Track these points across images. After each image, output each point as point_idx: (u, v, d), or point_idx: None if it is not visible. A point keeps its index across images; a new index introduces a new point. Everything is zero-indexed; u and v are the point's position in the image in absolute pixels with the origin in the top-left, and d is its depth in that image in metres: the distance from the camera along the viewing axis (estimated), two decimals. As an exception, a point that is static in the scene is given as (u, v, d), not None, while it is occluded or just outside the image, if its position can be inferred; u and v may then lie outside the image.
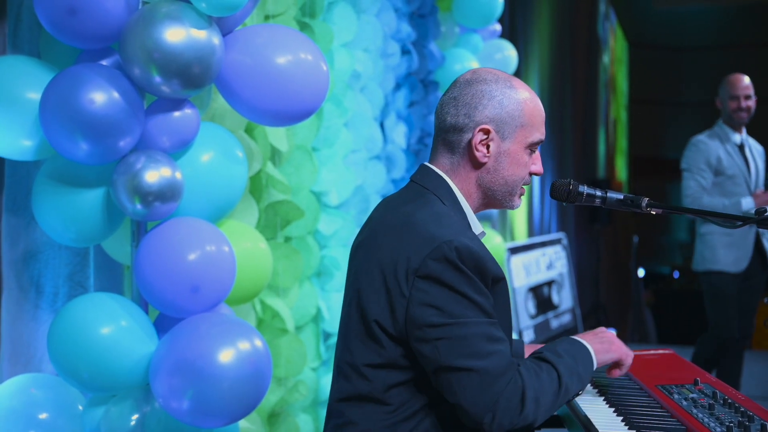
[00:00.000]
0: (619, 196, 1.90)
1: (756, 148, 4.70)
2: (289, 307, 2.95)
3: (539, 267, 6.44)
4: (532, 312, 6.13)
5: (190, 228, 2.03)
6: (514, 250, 6.05)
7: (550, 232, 7.82)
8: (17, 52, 2.11)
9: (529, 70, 7.02)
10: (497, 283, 1.73)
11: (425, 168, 1.85)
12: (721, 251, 4.51)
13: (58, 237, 2.03)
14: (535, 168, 1.85)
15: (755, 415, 1.66)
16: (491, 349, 1.64)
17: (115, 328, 1.96)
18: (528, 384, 1.65)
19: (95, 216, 2.01)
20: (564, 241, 7.06)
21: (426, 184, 1.82)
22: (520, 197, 1.87)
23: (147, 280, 1.98)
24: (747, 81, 4.59)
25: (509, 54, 4.52)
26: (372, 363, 1.72)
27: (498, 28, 4.70)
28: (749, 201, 4.37)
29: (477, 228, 1.82)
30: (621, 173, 13.69)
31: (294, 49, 2.11)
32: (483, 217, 4.82)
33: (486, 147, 1.79)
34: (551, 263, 6.67)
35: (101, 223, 2.02)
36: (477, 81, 1.81)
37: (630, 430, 1.66)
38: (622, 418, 1.72)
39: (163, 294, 1.98)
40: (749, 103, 4.56)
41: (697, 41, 13.81)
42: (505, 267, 5.70)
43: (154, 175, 1.93)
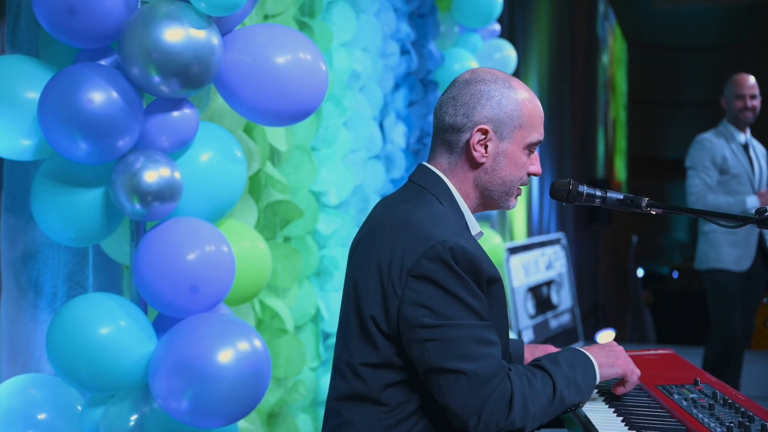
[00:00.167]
0: (619, 196, 1.89)
1: (759, 148, 4.70)
2: (289, 307, 2.94)
3: (538, 267, 6.44)
4: (531, 312, 6.13)
5: (189, 228, 2.03)
6: (513, 250, 6.05)
7: (549, 232, 7.82)
8: (16, 51, 2.11)
9: (529, 70, 7.02)
10: (492, 284, 1.72)
11: (423, 168, 1.85)
12: (725, 250, 4.49)
13: (56, 237, 2.03)
14: (534, 168, 1.85)
15: (755, 416, 1.66)
16: (481, 352, 1.63)
17: (114, 328, 1.95)
18: (517, 389, 1.63)
19: (94, 216, 2.00)
20: (563, 241, 7.06)
21: (424, 183, 1.82)
22: (516, 198, 1.86)
23: (146, 280, 1.98)
24: (753, 81, 4.59)
25: (508, 54, 4.51)
26: (369, 362, 1.72)
27: (497, 27, 4.69)
28: (754, 200, 4.36)
29: (475, 228, 1.82)
30: (620, 173, 13.69)
31: (293, 49, 2.11)
32: (482, 217, 4.82)
33: (484, 147, 1.79)
34: (550, 263, 6.67)
35: (100, 223, 2.02)
36: (476, 81, 1.81)
37: (630, 430, 1.66)
38: (622, 418, 1.72)
39: (162, 294, 1.98)
40: (755, 103, 4.56)
41: (697, 41, 13.82)
42: (504, 267, 5.69)
43: (153, 175, 1.93)
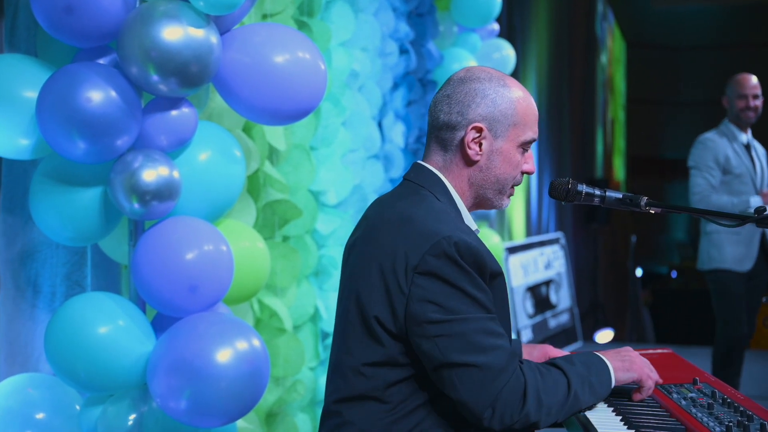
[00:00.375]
0: (618, 195, 1.89)
1: (759, 149, 4.69)
2: (287, 307, 2.94)
3: (537, 266, 6.44)
4: (530, 311, 6.13)
5: (187, 227, 2.02)
6: (512, 249, 6.05)
7: (548, 231, 7.82)
8: (14, 50, 2.11)
9: (527, 69, 7.02)
10: (495, 279, 1.73)
11: (419, 166, 1.85)
12: (729, 250, 4.45)
13: (55, 236, 2.03)
14: (527, 167, 1.85)
15: (754, 415, 1.66)
16: (492, 344, 1.63)
17: (113, 327, 1.95)
18: (530, 381, 1.64)
19: (92, 215, 2.00)
20: (562, 241, 7.06)
21: (420, 181, 1.82)
22: (509, 197, 1.87)
23: (144, 279, 1.97)
24: (755, 80, 4.57)
25: (507, 53, 4.52)
26: (371, 362, 1.71)
27: (496, 27, 4.69)
28: (757, 200, 4.34)
29: (471, 225, 1.82)
30: (619, 173, 13.70)
31: (292, 48, 2.11)
32: (481, 217, 4.82)
33: (478, 145, 1.79)
34: (549, 263, 6.67)
35: (98, 222, 2.01)
36: (470, 79, 1.81)
37: (629, 429, 1.65)
38: (620, 417, 1.71)
39: (161, 293, 1.97)
40: (757, 103, 4.54)
41: (695, 41, 13.83)
42: (503, 267, 5.69)
43: (151, 174, 1.92)
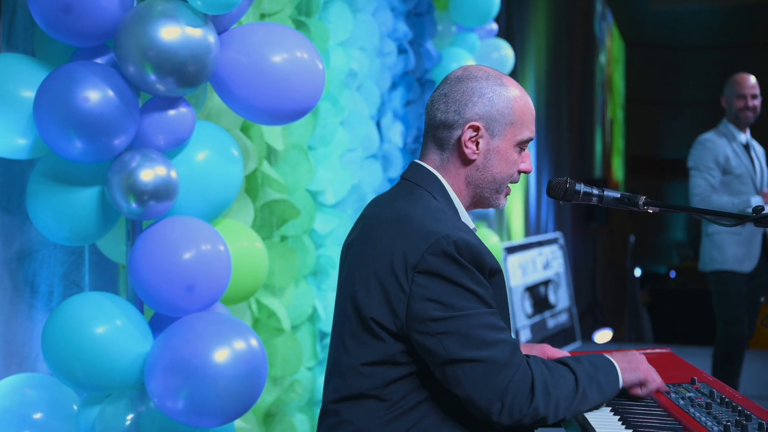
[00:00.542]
0: (616, 194, 1.89)
1: (758, 148, 4.68)
2: (285, 307, 2.94)
3: (536, 266, 6.43)
4: (528, 311, 6.13)
5: (185, 227, 2.02)
6: (510, 249, 6.05)
7: (546, 231, 7.82)
8: (12, 50, 2.10)
9: (526, 69, 7.02)
10: (494, 276, 1.73)
11: (416, 165, 1.85)
12: (731, 250, 4.44)
13: (52, 236, 2.03)
14: (524, 166, 1.85)
15: (753, 414, 1.66)
16: (496, 338, 1.64)
17: (110, 327, 1.95)
18: (537, 374, 1.64)
19: (90, 215, 2.00)
20: (560, 241, 7.06)
21: (417, 180, 1.82)
22: (506, 196, 1.87)
23: (142, 279, 1.97)
24: (753, 80, 4.57)
25: (506, 53, 4.51)
26: (370, 361, 1.71)
27: (495, 27, 4.69)
28: (758, 200, 4.32)
29: (469, 224, 1.82)
30: (618, 173, 13.70)
31: (290, 48, 2.11)
32: (479, 217, 4.81)
33: (475, 144, 1.79)
34: (548, 263, 6.67)
35: (96, 222, 2.01)
36: (467, 78, 1.81)
37: (627, 429, 1.65)
38: (618, 417, 1.71)
39: (159, 293, 1.97)
40: (756, 103, 4.54)
41: (694, 41, 13.84)
42: (502, 267, 5.69)
43: (149, 174, 1.92)
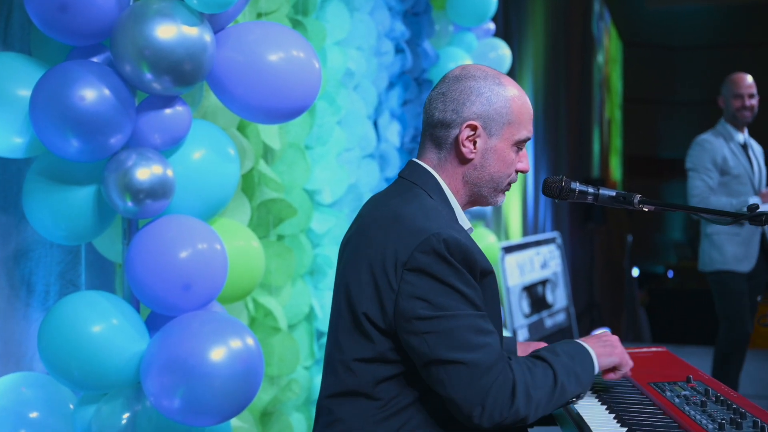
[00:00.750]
0: (612, 192, 1.89)
1: (756, 148, 4.67)
2: (282, 306, 2.94)
3: (533, 266, 6.44)
4: (526, 311, 6.13)
5: (181, 226, 2.02)
6: (508, 249, 6.05)
7: (544, 231, 7.83)
8: (8, 49, 2.10)
9: (523, 69, 7.02)
10: (486, 277, 1.72)
11: (413, 164, 1.85)
12: (730, 250, 4.43)
13: (49, 235, 2.02)
14: (522, 166, 1.85)
15: (747, 412, 1.66)
16: (480, 342, 1.63)
17: (107, 326, 1.95)
18: (519, 377, 1.64)
19: (86, 214, 2.00)
20: (558, 240, 7.07)
21: (414, 179, 1.82)
22: (503, 194, 1.87)
23: (138, 278, 1.97)
24: (750, 80, 4.56)
25: (503, 53, 4.51)
26: (361, 357, 1.72)
27: (492, 26, 4.69)
28: (756, 200, 4.32)
29: (465, 224, 1.82)
30: (615, 172, 13.71)
31: (286, 47, 2.10)
32: (477, 216, 4.82)
33: (473, 143, 1.79)
34: (545, 262, 6.67)
35: (92, 221, 2.01)
36: (465, 77, 1.81)
37: (622, 427, 1.65)
38: (614, 415, 1.72)
39: (155, 292, 1.97)
40: (753, 102, 4.53)
41: (691, 40, 13.85)
42: (499, 266, 5.70)
43: (145, 173, 1.92)
